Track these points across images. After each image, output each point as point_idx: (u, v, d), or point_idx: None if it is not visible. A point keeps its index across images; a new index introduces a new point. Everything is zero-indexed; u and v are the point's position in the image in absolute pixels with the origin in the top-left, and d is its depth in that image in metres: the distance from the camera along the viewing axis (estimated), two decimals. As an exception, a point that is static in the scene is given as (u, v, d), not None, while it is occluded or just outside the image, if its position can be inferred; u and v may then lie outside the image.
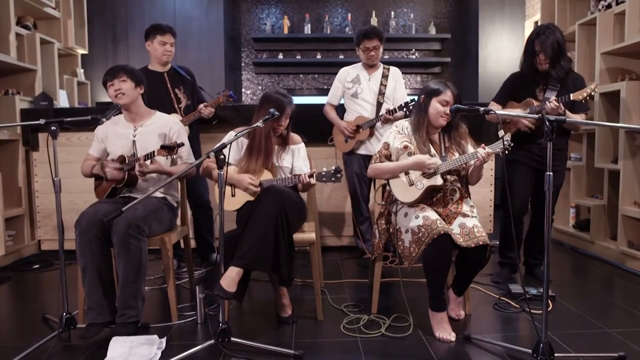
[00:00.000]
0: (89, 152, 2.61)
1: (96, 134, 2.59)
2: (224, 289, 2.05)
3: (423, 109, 2.32)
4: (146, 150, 2.44)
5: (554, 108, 2.59)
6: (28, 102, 3.92)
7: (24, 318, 2.52)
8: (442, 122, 2.29)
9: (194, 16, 5.83)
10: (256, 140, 2.40)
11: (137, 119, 2.54)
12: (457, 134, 2.36)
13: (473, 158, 2.17)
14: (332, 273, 3.22)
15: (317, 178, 2.24)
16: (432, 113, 2.29)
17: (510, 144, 2.07)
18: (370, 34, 3.17)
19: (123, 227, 2.15)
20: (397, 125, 2.40)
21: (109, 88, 2.46)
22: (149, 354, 1.97)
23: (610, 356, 1.95)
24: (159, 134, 2.52)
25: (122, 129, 2.54)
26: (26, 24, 4.21)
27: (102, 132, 2.57)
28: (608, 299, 2.71)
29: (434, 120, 2.30)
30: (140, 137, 2.51)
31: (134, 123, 2.54)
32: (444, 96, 2.26)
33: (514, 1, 5.84)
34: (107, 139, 2.55)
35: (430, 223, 2.11)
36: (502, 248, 3.09)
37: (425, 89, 2.35)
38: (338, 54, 6.42)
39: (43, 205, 3.81)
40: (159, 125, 2.55)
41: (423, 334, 2.20)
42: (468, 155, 2.19)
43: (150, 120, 2.56)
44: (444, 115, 2.27)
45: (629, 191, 3.32)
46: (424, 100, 2.32)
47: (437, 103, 2.27)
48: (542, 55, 2.73)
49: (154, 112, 2.61)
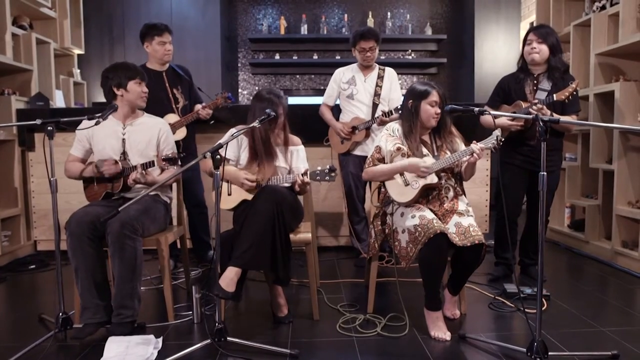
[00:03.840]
0: (71, 153, 2.54)
1: (78, 134, 2.52)
2: (223, 289, 2.06)
3: (413, 112, 2.32)
4: (133, 148, 2.44)
5: (538, 110, 2.61)
6: (24, 103, 3.92)
7: (20, 318, 2.52)
8: (433, 123, 2.31)
9: (190, 16, 5.83)
10: (257, 144, 2.41)
11: (127, 117, 2.53)
12: (447, 132, 2.38)
13: (466, 154, 2.19)
14: (328, 273, 3.23)
15: (311, 176, 2.26)
16: (423, 116, 2.30)
17: (502, 139, 2.09)
18: (366, 35, 3.17)
19: (117, 227, 2.15)
20: (388, 128, 2.42)
21: (135, 86, 2.45)
22: (145, 354, 1.97)
23: (604, 355, 1.96)
24: (147, 135, 2.51)
25: (111, 127, 2.49)
26: (22, 24, 4.20)
27: (87, 132, 2.48)
28: (602, 298, 2.73)
29: (426, 122, 2.32)
30: (130, 136, 2.49)
31: (123, 121, 2.52)
32: (432, 97, 2.28)
33: (510, 2, 5.86)
34: (93, 137, 2.50)
35: (426, 222, 2.13)
36: (497, 249, 3.11)
37: (411, 92, 2.35)
38: (335, 55, 6.43)
39: (39, 205, 3.81)
40: (149, 126, 2.54)
41: (419, 333, 2.22)
42: (461, 152, 2.22)
43: (139, 120, 2.55)
44: (435, 116, 2.29)
45: (623, 191, 3.34)
46: (413, 104, 2.32)
47: (427, 105, 2.29)
48: (535, 42, 2.75)
49: (141, 112, 2.59)
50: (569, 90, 2.61)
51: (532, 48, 2.78)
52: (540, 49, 2.77)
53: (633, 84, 3.34)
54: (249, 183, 2.32)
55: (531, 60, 2.81)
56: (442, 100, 2.29)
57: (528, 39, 2.81)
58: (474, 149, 2.16)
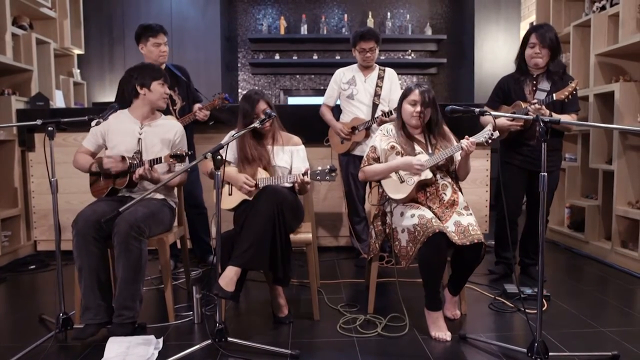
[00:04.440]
0: (83, 144, 2.54)
1: (93, 128, 2.51)
2: (222, 288, 2.06)
3: (400, 112, 2.43)
4: (149, 149, 2.44)
5: (537, 109, 2.61)
6: (24, 103, 3.92)
7: (20, 319, 2.52)
8: (414, 122, 2.36)
9: (190, 16, 5.83)
10: (244, 148, 2.43)
11: (146, 118, 2.53)
12: (440, 131, 2.42)
13: (457, 150, 2.22)
14: (329, 273, 3.23)
15: (312, 176, 2.26)
16: (404, 115, 2.39)
17: (493, 132, 2.11)
18: (366, 36, 3.18)
19: (125, 228, 2.15)
20: (382, 129, 2.48)
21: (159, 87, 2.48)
22: (146, 354, 1.97)
23: (604, 355, 1.97)
24: (163, 137, 2.51)
25: (128, 125, 2.50)
26: (22, 24, 4.20)
27: (103, 127, 2.49)
28: (602, 298, 2.73)
29: (407, 121, 2.39)
30: (146, 136, 2.49)
31: (142, 120, 2.53)
32: (412, 96, 2.34)
33: (510, 2, 5.87)
34: (109, 133, 2.50)
35: (425, 222, 2.13)
36: (497, 249, 3.11)
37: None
38: (334, 55, 6.43)
39: (39, 205, 3.81)
40: (165, 129, 2.54)
41: (419, 334, 2.22)
42: (452, 148, 2.25)
43: (157, 121, 2.56)
44: (414, 115, 2.33)
45: (623, 191, 3.34)
46: (399, 103, 2.43)
47: (407, 104, 2.37)
48: (538, 46, 2.75)
49: (159, 114, 2.61)
50: (568, 90, 2.62)
51: (535, 52, 2.77)
52: (544, 54, 2.77)
53: (633, 84, 3.34)
54: (248, 188, 2.33)
55: (534, 65, 2.81)
56: (423, 99, 2.31)
57: (531, 41, 2.79)
58: (463, 144, 2.19)
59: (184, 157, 2.32)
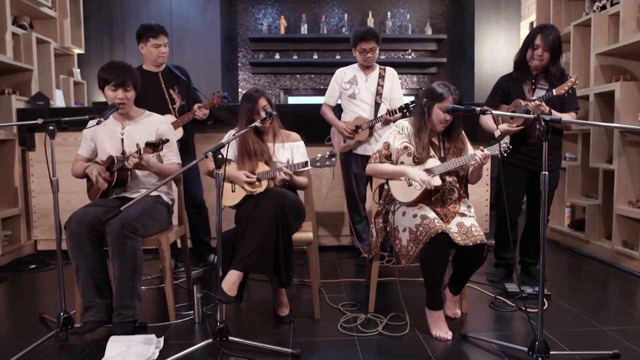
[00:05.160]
0: (79, 153, 2.58)
1: (84, 133, 2.55)
2: (225, 293, 2.06)
3: (425, 112, 2.29)
4: (133, 148, 2.44)
5: (537, 106, 2.61)
6: (24, 102, 3.91)
7: (21, 318, 2.51)
8: (440, 128, 2.29)
9: (190, 16, 5.83)
10: (247, 143, 2.43)
11: (126, 118, 2.53)
12: (458, 135, 2.36)
13: (471, 160, 2.18)
14: (330, 272, 3.23)
15: (312, 163, 2.28)
16: (434, 118, 2.27)
17: (509, 146, 2.08)
18: (367, 36, 3.17)
19: (117, 227, 2.15)
20: (397, 125, 2.40)
21: (110, 91, 2.40)
22: (146, 353, 1.97)
23: (605, 354, 1.97)
24: (146, 133, 2.50)
25: (111, 127, 2.51)
26: (22, 23, 4.20)
27: (91, 131, 2.52)
28: (603, 297, 2.73)
29: (434, 126, 2.29)
30: (128, 135, 2.48)
31: (122, 121, 2.52)
32: (446, 102, 2.22)
33: (510, 2, 5.87)
34: (96, 137, 2.52)
35: (428, 222, 2.13)
36: (497, 249, 3.11)
37: (429, 91, 2.30)
38: (335, 54, 6.43)
39: (39, 205, 3.80)
40: (148, 125, 2.53)
41: (420, 333, 2.22)
42: (466, 158, 2.20)
43: (140, 119, 2.55)
44: (444, 122, 2.25)
45: (623, 191, 3.35)
46: (427, 103, 2.28)
47: (439, 109, 2.24)
48: (541, 49, 2.75)
49: (144, 111, 2.59)
50: (568, 85, 2.62)
51: (538, 55, 2.77)
52: (545, 58, 2.76)
53: (633, 84, 3.34)
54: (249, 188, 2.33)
55: (534, 67, 2.81)
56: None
57: (535, 43, 2.77)
58: (477, 156, 2.14)
59: (158, 144, 2.27)
